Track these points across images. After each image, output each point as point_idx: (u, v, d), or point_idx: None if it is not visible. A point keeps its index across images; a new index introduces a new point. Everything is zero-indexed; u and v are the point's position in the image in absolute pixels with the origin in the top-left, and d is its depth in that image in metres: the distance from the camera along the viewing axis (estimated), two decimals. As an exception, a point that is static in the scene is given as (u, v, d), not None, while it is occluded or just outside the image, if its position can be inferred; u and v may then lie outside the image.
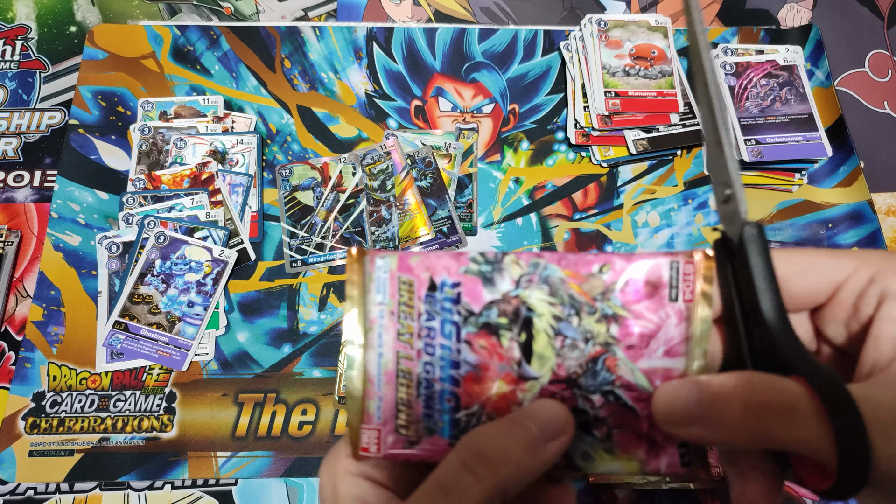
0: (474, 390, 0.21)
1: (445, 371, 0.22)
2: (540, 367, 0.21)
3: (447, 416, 0.22)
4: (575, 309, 0.21)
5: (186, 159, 0.54)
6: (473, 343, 0.21)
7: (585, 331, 0.21)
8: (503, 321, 0.21)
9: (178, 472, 0.47)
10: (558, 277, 0.21)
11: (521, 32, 0.62)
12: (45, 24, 0.61)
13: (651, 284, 0.21)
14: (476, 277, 0.22)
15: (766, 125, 0.54)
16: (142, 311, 0.49)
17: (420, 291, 0.22)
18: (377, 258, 0.22)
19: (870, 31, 0.65)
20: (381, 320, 0.22)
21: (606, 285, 0.21)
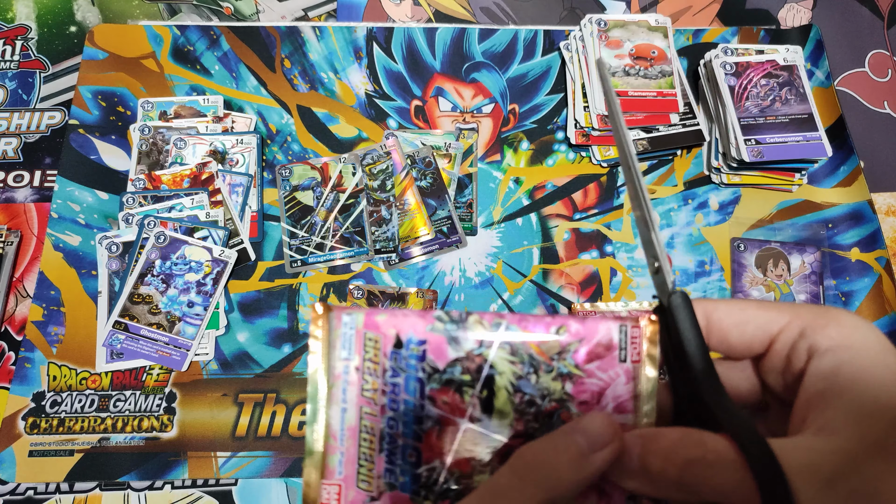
0: (436, 445, 0.22)
1: (409, 427, 0.22)
2: (500, 423, 0.22)
3: (409, 472, 0.22)
4: (534, 367, 0.22)
5: (186, 159, 0.54)
6: (437, 399, 0.22)
7: (542, 388, 0.22)
8: (466, 378, 0.22)
9: (178, 472, 0.47)
10: (519, 339, 0.23)
11: (521, 32, 0.62)
12: (45, 24, 0.61)
13: (602, 346, 0.23)
14: (441, 336, 0.22)
15: (766, 125, 0.54)
16: (142, 311, 0.49)
17: (386, 348, 0.22)
18: (343, 314, 0.23)
19: (870, 31, 0.65)
20: (346, 376, 0.22)
21: (562, 346, 0.23)
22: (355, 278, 0.53)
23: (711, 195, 0.57)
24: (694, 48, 0.62)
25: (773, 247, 0.55)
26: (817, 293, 0.53)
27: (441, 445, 0.22)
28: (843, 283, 0.54)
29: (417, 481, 0.22)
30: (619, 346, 0.22)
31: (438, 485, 0.22)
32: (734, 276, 0.54)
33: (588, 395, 0.22)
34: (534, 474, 0.20)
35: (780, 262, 0.54)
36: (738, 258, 0.54)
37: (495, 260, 0.54)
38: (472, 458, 0.22)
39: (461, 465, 0.22)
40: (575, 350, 0.23)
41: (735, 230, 0.55)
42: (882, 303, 0.53)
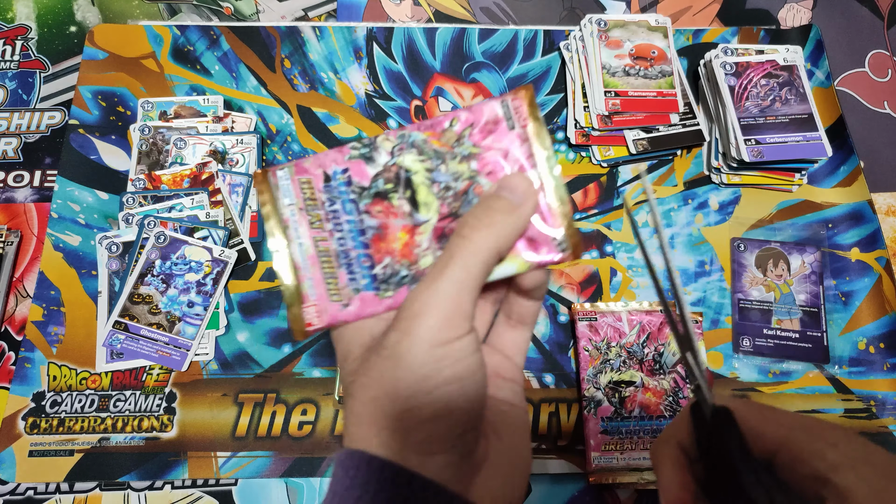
0: (382, 247, 0.26)
1: (356, 239, 0.26)
2: (427, 212, 0.26)
3: (367, 275, 0.26)
4: (441, 159, 0.26)
5: (186, 159, 0.54)
6: (371, 211, 0.26)
7: (453, 172, 0.26)
8: (389, 186, 0.26)
9: (178, 472, 0.47)
10: (421, 139, 0.26)
11: (521, 32, 0.62)
12: (45, 24, 0.61)
13: (491, 122, 0.26)
14: (359, 160, 0.26)
15: (766, 125, 0.54)
16: (142, 311, 0.49)
17: (318, 184, 0.26)
18: (277, 170, 0.26)
19: (870, 31, 0.65)
20: (294, 217, 0.26)
21: (458, 134, 0.26)
22: (355, 278, 0.53)
23: (711, 195, 0.57)
24: (694, 48, 0.62)
25: (773, 247, 0.55)
26: (817, 293, 0.53)
27: (386, 245, 0.26)
28: (842, 283, 0.54)
29: (376, 279, 0.26)
30: (506, 118, 0.26)
31: (394, 276, 0.26)
32: (734, 276, 0.54)
33: (491, 166, 0.26)
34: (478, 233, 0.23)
35: (780, 262, 0.54)
36: (738, 258, 0.54)
37: (495, 260, 0.54)
38: (414, 246, 0.26)
39: (406, 254, 0.26)
40: (469, 133, 0.26)
41: (735, 230, 0.55)
42: (882, 303, 0.53)
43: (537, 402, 0.50)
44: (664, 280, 0.27)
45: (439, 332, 0.22)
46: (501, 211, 0.24)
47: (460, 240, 0.23)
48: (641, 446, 0.46)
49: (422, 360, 0.22)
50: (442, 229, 0.26)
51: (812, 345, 0.52)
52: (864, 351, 0.52)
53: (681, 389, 0.48)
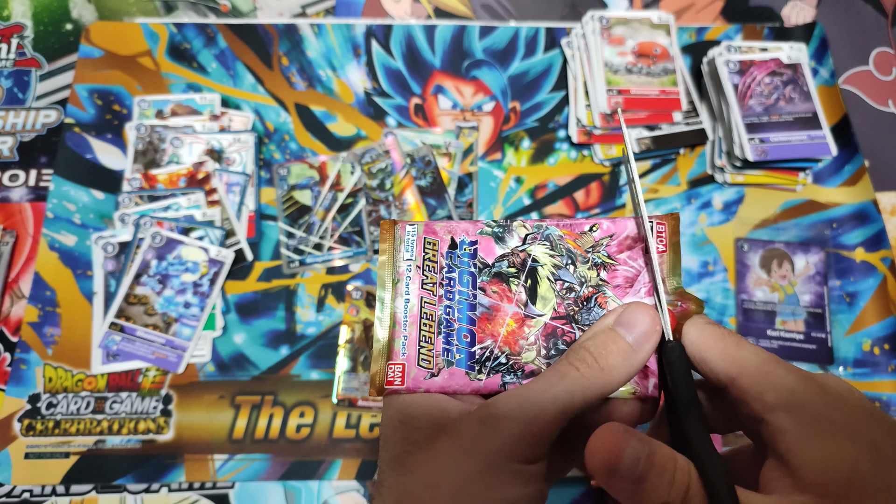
0: (487, 328, 0.26)
1: (463, 313, 0.26)
2: (543, 307, 0.26)
3: (464, 350, 0.25)
4: (571, 259, 0.26)
5: (183, 158, 0.54)
6: (487, 289, 0.26)
7: (580, 276, 0.26)
8: (512, 270, 0.26)
9: (175, 474, 0.46)
10: (557, 235, 0.26)
11: (522, 29, 0.61)
12: (41, 22, 0.61)
13: (631, 239, 0.26)
14: (490, 237, 0.26)
15: (770, 124, 0.54)
16: (138, 311, 0.48)
17: (443, 249, 0.26)
18: (407, 225, 0.27)
19: (874, 29, 0.64)
20: (409, 273, 0.26)
21: (596, 240, 0.26)
22: (354, 279, 0.52)
23: (715, 194, 0.56)
24: (697, 46, 0.61)
25: (777, 247, 0.54)
26: (822, 294, 0.53)
27: (492, 327, 0.26)
28: (847, 283, 0.53)
29: (472, 358, 0.25)
30: (646, 239, 0.25)
31: (490, 360, 0.25)
32: (738, 276, 0.53)
33: (621, 280, 0.26)
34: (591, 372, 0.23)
35: (785, 263, 0.53)
36: (742, 258, 0.54)
37: (496, 260, 0.53)
38: (520, 336, 0.25)
39: (510, 343, 0.25)
40: (607, 244, 0.26)
41: (739, 230, 0.55)
42: (887, 303, 0.52)
43: (538, 404, 0.49)
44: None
45: (521, 444, 0.22)
46: (617, 354, 0.23)
47: (573, 371, 0.23)
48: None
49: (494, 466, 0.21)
50: (553, 328, 0.25)
51: (816, 346, 0.51)
52: (869, 352, 0.51)
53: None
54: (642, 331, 0.23)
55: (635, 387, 0.25)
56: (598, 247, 0.26)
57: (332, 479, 0.47)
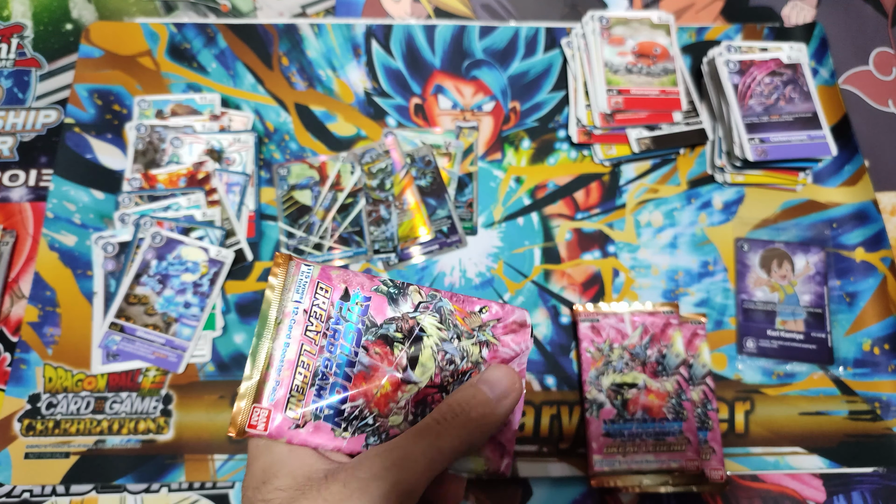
0: (362, 387, 0.25)
1: (341, 368, 0.25)
2: (421, 375, 0.26)
3: (334, 406, 0.25)
4: (457, 335, 0.26)
5: (183, 158, 0.54)
6: (370, 349, 0.26)
7: (463, 350, 0.26)
8: (398, 335, 0.26)
9: (175, 474, 0.46)
10: (448, 310, 0.27)
11: (522, 29, 0.61)
12: (41, 22, 0.61)
13: (517, 324, 0.27)
14: (384, 296, 0.26)
15: (770, 123, 0.54)
16: (138, 311, 0.48)
17: (334, 298, 0.26)
18: (302, 264, 0.26)
19: (874, 29, 0.64)
20: (295, 315, 0.25)
21: (483, 322, 0.27)
22: (354, 279, 0.52)
23: (715, 194, 0.56)
24: (697, 46, 0.61)
25: (777, 247, 0.54)
26: (822, 294, 0.53)
27: (367, 387, 0.25)
28: (847, 283, 0.53)
29: (340, 415, 0.25)
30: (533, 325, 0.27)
31: (358, 419, 0.25)
32: (738, 276, 0.53)
33: (499, 361, 0.27)
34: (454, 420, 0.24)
35: (785, 263, 0.54)
36: (742, 258, 0.54)
37: (496, 260, 0.53)
38: (392, 400, 0.25)
39: (380, 405, 0.25)
40: (493, 325, 0.27)
41: (739, 230, 0.55)
42: (887, 303, 0.52)
43: (538, 404, 0.49)
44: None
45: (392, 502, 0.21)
46: (479, 407, 0.24)
47: (437, 425, 0.23)
48: (644, 449, 0.46)
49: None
50: (425, 396, 0.26)
51: (816, 346, 0.51)
52: (869, 352, 0.51)
53: (684, 392, 0.47)
54: (503, 387, 0.25)
55: (487, 463, 0.25)
56: (485, 327, 0.27)
57: (333, 479, 0.47)
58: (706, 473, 0.45)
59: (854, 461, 0.48)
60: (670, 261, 0.54)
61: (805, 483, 0.48)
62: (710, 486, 0.45)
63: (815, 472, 0.48)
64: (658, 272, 0.53)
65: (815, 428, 0.49)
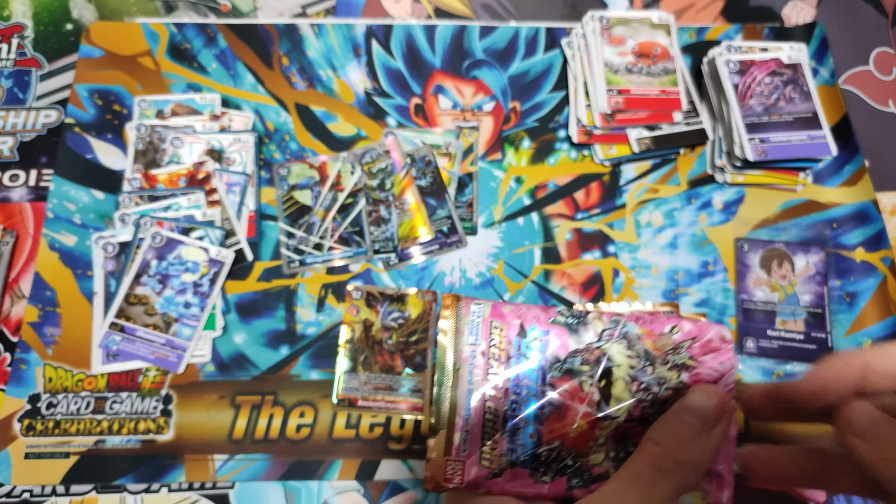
0: (556, 428, 0.24)
1: (531, 410, 0.24)
2: (617, 409, 0.24)
3: (529, 451, 0.24)
4: (650, 361, 0.24)
5: (183, 158, 0.54)
6: (557, 386, 0.24)
7: (659, 377, 0.24)
8: (585, 368, 0.24)
9: (175, 474, 0.46)
10: (636, 334, 0.24)
11: (523, 29, 0.61)
12: (42, 22, 0.61)
13: (716, 341, 0.25)
14: (563, 328, 0.25)
15: (770, 123, 0.54)
16: (138, 311, 0.48)
17: (510, 335, 0.24)
18: (472, 304, 0.25)
19: (874, 29, 0.64)
20: (473, 359, 0.24)
21: (676, 343, 0.25)
22: (354, 279, 0.52)
23: (715, 194, 0.56)
24: (697, 46, 0.61)
25: (777, 247, 0.54)
26: (822, 294, 0.52)
27: (560, 427, 0.24)
28: (847, 283, 0.53)
29: (537, 459, 0.24)
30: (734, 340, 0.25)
31: (556, 462, 0.24)
32: (738, 276, 0.53)
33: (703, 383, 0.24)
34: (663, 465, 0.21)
35: (785, 263, 0.53)
36: (742, 258, 0.54)
37: (496, 260, 0.53)
38: (590, 439, 0.24)
39: (578, 445, 0.24)
40: (689, 346, 0.24)
41: (739, 230, 0.55)
42: (886, 304, 0.52)
43: (538, 404, 0.49)
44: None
45: None
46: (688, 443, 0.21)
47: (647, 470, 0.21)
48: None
49: None
50: (625, 430, 0.24)
51: (816, 346, 0.51)
52: (870, 352, 0.51)
53: (684, 392, 0.47)
54: (710, 414, 0.22)
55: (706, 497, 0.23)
56: (679, 349, 0.24)
57: (332, 480, 0.47)
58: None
59: (854, 461, 0.48)
60: (670, 261, 0.54)
61: (805, 483, 0.48)
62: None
63: (815, 472, 0.48)
64: (658, 272, 0.53)
65: (816, 428, 0.49)
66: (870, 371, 0.24)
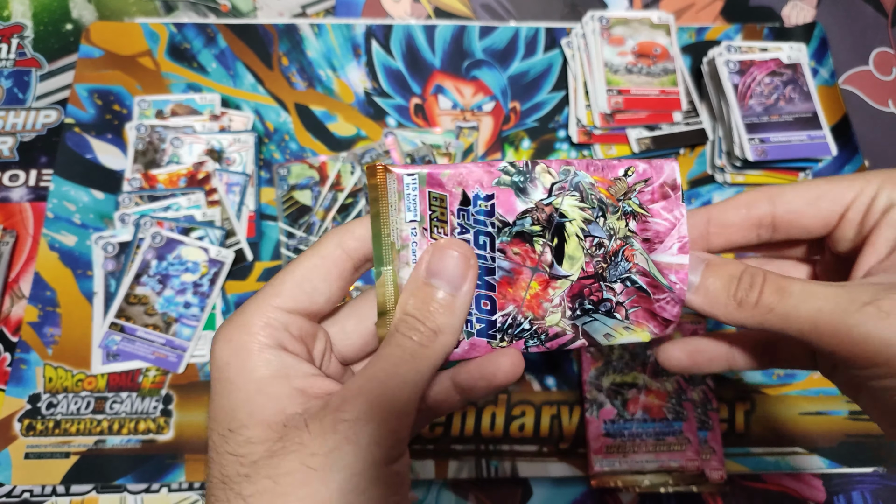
0: (508, 293, 0.23)
1: (482, 278, 0.23)
2: (571, 267, 0.23)
3: (484, 319, 0.23)
4: (602, 210, 0.23)
5: (183, 158, 0.54)
6: (507, 251, 0.23)
7: (609, 228, 0.23)
8: (536, 228, 0.23)
9: (176, 474, 0.46)
10: (588, 182, 0.23)
11: (522, 29, 0.61)
12: (41, 22, 0.61)
13: (668, 186, 0.23)
14: (509, 188, 0.22)
15: (770, 124, 0.54)
16: (138, 311, 0.48)
17: (453, 206, 0.22)
18: (405, 175, 0.22)
19: (874, 29, 0.64)
20: (414, 237, 0.22)
21: (629, 186, 0.23)
22: (354, 279, 0.52)
23: (715, 194, 0.56)
24: (697, 46, 0.61)
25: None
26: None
27: (513, 292, 0.23)
28: (847, 283, 0.53)
29: (493, 326, 0.23)
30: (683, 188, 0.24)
31: (513, 327, 0.23)
32: (737, 276, 0.53)
33: (651, 234, 0.23)
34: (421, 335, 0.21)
35: (784, 263, 0.53)
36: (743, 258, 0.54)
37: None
38: (544, 300, 0.23)
39: (533, 307, 0.23)
40: (640, 190, 0.23)
41: (738, 230, 0.55)
42: (887, 304, 0.52)
43: (539, 404, 0.49)
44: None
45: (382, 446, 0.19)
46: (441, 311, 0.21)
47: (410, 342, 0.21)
48: (644, 449, 0.46)
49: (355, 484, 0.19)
50: (580, 288, 0.23)
51: (816, 346, 0.51)
52: (869, 352, 0.51)
53: (684, 392, 0.47)
54: (455, 274, 0.21)
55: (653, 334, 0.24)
56: (630, 193, 0.23)
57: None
58: (706, 473, 0.45)
59: (854, 461, 0.48)
60: (670, 261, 0.54)
61: (805, 483, 0.48)
62: (710, 486, 0.45)
63: (815, 472, 0.48)
64: (658, 272, 0.53)
65: (815, 428, 0.49)
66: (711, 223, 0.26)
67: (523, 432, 0.48)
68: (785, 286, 0.21)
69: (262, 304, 0.22)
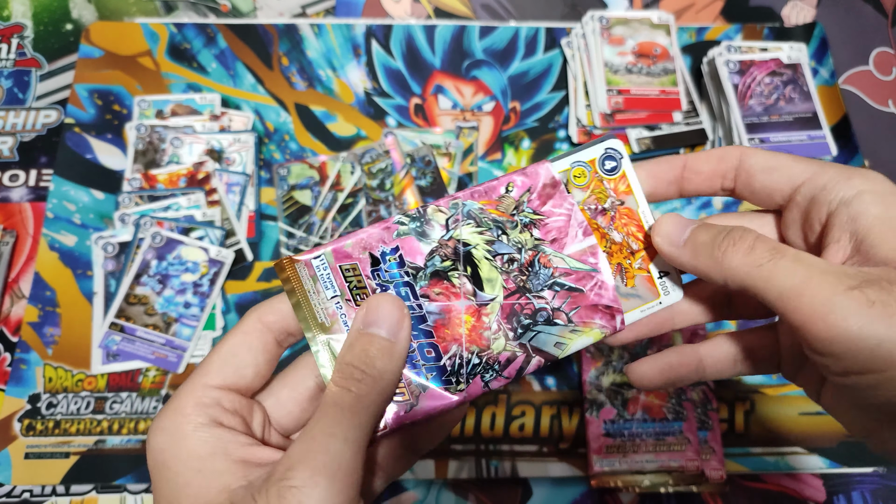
0: (447, 334, 0.23)
1: (416, 328, 0.23)
2: (492, 289, 0.24)
3: (434, 368, 0.23)
4: (500, 229, 0.24)
5: (183, 158, 0.54)
6: (430, 294, 0.24)
7: (515, 242, 0.24)
8: (447, 264, 0.24)
9: (175, 474, 0.46)
10: (477, 208, 0.24)
11: (522, 29, 0.61)
12: (41, 22, 0.61)
13: (549, 186, 0.25)
14: (410, 236, 0.24)
15: (770, 124, 0.54)
16: (138, 311, 0.48)
17: (366, 270, 0.23)
18: (312, 259, 0.23)
19: (874, 29, 0.64)
20: (340, 310, 0.23)
21: (516, 200, 0.25)
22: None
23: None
24: (697, 46, 0.61)
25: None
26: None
27: (452, 331, 0.24)
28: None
29: (444, 372, 0.23)
30: (564, 181, 0.25)
31: (464, 367, 0.23)
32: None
33: (555, 233, 0.24)
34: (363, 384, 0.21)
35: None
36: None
37: (496, 260, 0.53)
38: (482, 329, 0.24)
39: (475, 340, 0.24)
40: (528, 199, 0.25)
41: (738, 230, 0.55)
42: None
43: (539, 404, 0.49)
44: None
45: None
46: (380, 355, 0.21)
47: (349, 395, 0.21)
48: (644, 449, 0.46)
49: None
50: (511, 306, 0.24)
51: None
52: (869, 352, 0.51)
53: (684, 392, 0.47)
54: (391, 321, 0.22)
55: (604, 330, 0.24)
56: (520, 206, 0.24)
57: (332, 479, 0.47)
58: (706, 473, 0.46)
59: (854, 461, 0.48)
60: (670, 261, 0.54)
61: (805, 483, 0.48)
62: (710, 486, 0.45)
63: (815, 472, 0.48)
64: (658, 272, 0.53)
65: (815, 428, 0.49)
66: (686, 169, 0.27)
67: (523, 432, 0.48)
68: (779, 247, 0.21)
69: (192, 386, 0.22)
